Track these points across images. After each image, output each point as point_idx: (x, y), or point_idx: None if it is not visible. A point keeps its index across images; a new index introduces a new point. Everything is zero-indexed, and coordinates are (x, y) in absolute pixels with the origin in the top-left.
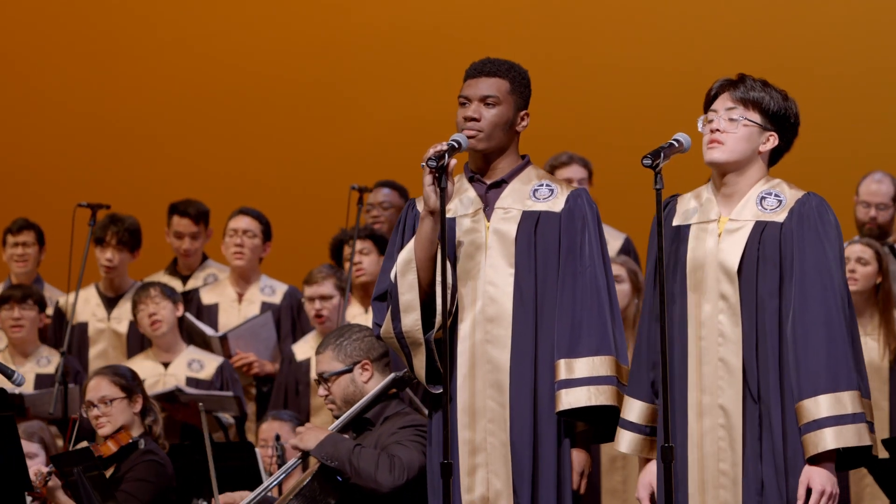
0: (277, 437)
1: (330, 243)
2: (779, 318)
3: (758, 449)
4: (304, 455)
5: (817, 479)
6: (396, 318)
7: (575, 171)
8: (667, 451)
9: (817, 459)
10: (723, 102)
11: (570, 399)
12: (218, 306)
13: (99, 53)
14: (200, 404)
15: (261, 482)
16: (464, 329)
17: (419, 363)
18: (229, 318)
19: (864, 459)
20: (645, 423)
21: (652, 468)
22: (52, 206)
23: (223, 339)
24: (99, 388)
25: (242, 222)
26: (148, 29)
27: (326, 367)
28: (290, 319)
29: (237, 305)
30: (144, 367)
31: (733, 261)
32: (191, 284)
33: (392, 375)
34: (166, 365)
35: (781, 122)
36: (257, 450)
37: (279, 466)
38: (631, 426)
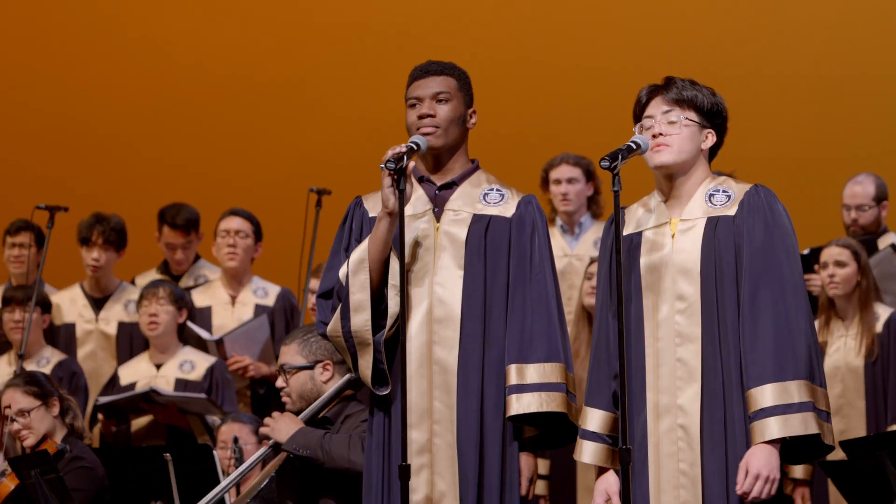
0: (235, 440)
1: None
2: (738, 313)
3: (721, 448)
4: (276, 447)
5: (754, 462)
6: (346, 318)
7: (563, 172)
8: (624, 454)
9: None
10: (657, 107)
11: (522, 404)
12: (211, 309)
13: (62, 52)
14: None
15: (218, 484)
16: (412, 329)
17: (365, 364)
18: (223, 321)
19: (820, 451)
20: (606, 433)
21: (610, 477)
22: (13, 208)
23: (219, 342)
24: (14, 400)
25: (234, 223)
26: (111, 28)
27: (289, 360)
28: (283, 321)
29: (230, 308)
30: (139, 368)
31: (692, 260)
32: (181, 284)
33: (348, 376)
34: (159, 367)
35: (715, 118)
36: (215, 452)
37: (237, 468)
38: (592, 436)
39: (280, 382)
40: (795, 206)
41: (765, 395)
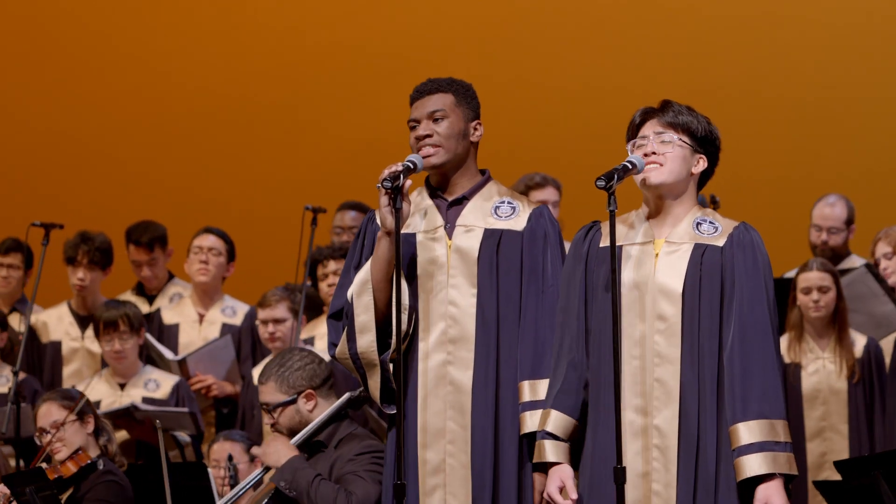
0: (230, 458)
1: (306, 261)
2: (719, 341)
3: (692, 470)
4: (267, 469)
5: (778, 498)
6: (352, 339)
7: (550, 194)
8: (619, 473)
9: (761, 480)
10: (651, 128)
11: (536, 421)
12: (179, 326)
13: (60, 70)
14: (157, 422)
15: (213, 503)
16: (424, 349)
17: (374, 384)
18: (190, 339)
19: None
20: (567, 438)
21: (566, 469)
22: (9, 224)
23: (182, 362)
24: (50, 413)
25: (208, 240)
26: (108, 47)
27: (270, 399)
28: (250, 341)
29: (198, 326)
30: (100, 388)
31: (676, 282)
32: (157, 304)
33: (347, 395)
34: (122, 386)
35: (708, 145)
36: (210, 470)
37: (231, 487)
38: (554, 438)
39: (268, 420)
40: (770, 227)
41: (753, 430)
